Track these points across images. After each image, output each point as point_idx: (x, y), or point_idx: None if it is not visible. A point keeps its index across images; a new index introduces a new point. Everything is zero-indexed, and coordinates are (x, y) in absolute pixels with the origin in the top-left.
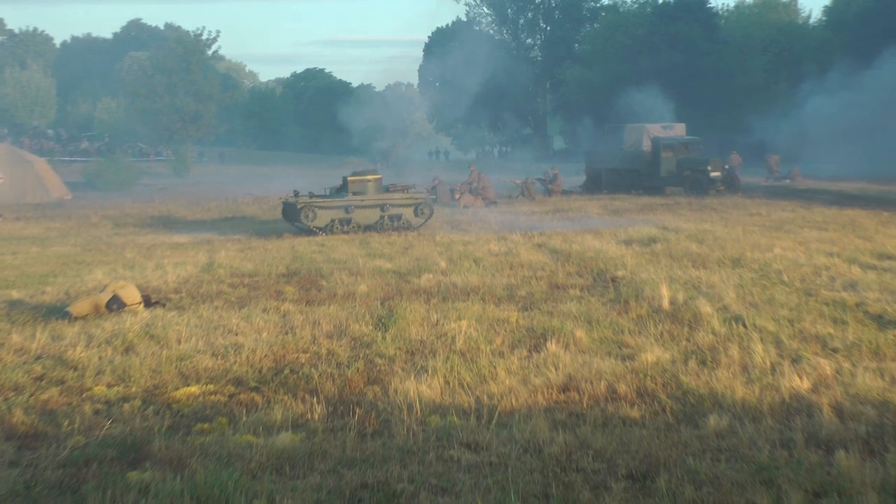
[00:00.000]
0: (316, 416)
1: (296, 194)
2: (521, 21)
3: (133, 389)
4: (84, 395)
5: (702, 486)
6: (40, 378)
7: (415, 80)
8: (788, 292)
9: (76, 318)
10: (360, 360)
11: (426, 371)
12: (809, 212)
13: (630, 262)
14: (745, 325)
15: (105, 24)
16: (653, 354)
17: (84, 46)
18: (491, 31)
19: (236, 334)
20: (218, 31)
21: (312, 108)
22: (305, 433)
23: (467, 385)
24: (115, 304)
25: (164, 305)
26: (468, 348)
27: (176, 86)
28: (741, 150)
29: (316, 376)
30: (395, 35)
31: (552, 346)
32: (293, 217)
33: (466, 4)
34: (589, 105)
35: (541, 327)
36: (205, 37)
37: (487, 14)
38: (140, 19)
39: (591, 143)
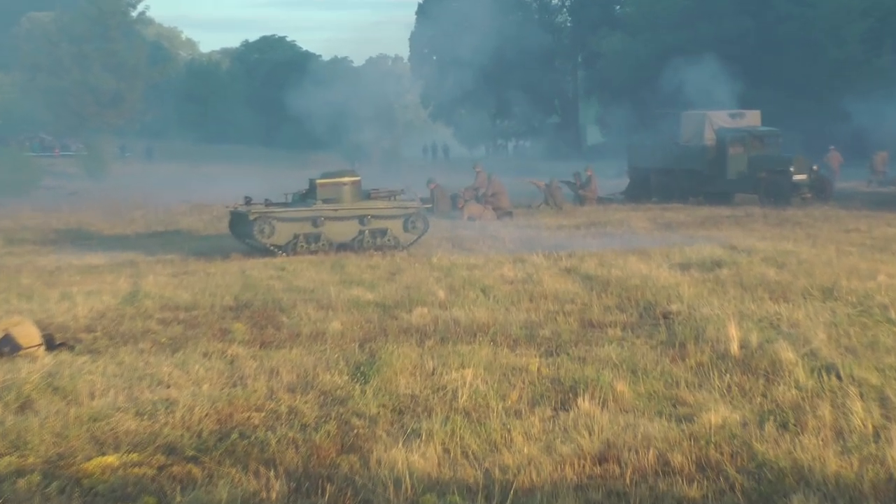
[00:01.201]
0: (273, 496)
1: (247, 202)
2: None
3: (31, 460)
4: None
5: None
6: None
7: (404, 52)
8: None
9: None
10: (332, 421)
11: (419, 436)
12: None
13: (687, 292)
14: (839, 377)
15: None
16: (717, 415)
17: None
18: None
19: (168, 387)
20: None
21: (269, 89)
22: None
23: (473, 454)
24: (7, 347)
25: (72, 348)
26: (474, 406)
27: (88, 57)
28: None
29: (273, 442)
30: None
31: (585, 402)
32: (244, 232)
33: None
34: (633, 86)
35: (570, 378)
36: None
37: None
38: None
39: (635, 136)
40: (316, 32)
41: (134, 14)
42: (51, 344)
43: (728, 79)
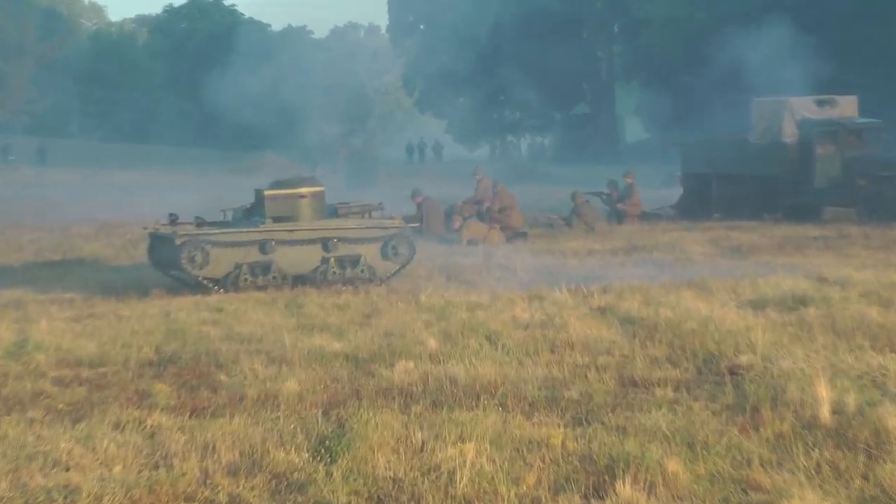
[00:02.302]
0: None
1: (173, 221)
2: None
3: None
4: None
5: None
6: None
7: (382, 19)
8: None
9: None
10: None
11: None
12: None
13: (762, 339)
14: None
15: None
16: (804, 503)
17: None
18: None
19: (68, 469)
20: None
21: (201, 69)
22: None
23: None
24: None
25: None
26: (478, 493)
27: None
28: None
29: None
30: None
31: (625, 488)
32: (168, 261)
33: None
34: (686, 64)
35: (605, 455)
36: None
37: None
38: None
39: (690, 132)
40: None
41: None
42: None
43: (813, 56)
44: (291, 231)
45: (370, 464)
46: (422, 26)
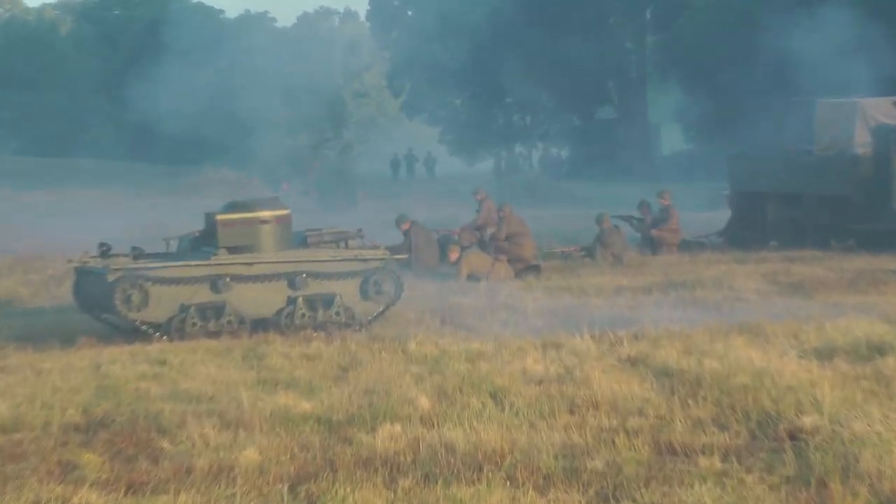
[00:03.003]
0: None
1: (104, 252)
2: None
3: None
4: None
5: None
6: None
7: (361, 5)
8: None
9: None
10: None
11: None
12: None
13: (829, 397)
14: None
15: None
16: None
17: None
18: None
19: None
20: None
21: (139, 65)
22: None
23: None
24: None
25: None
26: None
27: None
28: None
29: None
30: None
31: None
32: (98, 301)
33: None
34: (732, 58)
35: None
36: None
37: None
38: None
39: (739, 141)
40: None
41: None
42: None
43: (886, 47)
44: (250, 264)
45: None
46: (409, 12)
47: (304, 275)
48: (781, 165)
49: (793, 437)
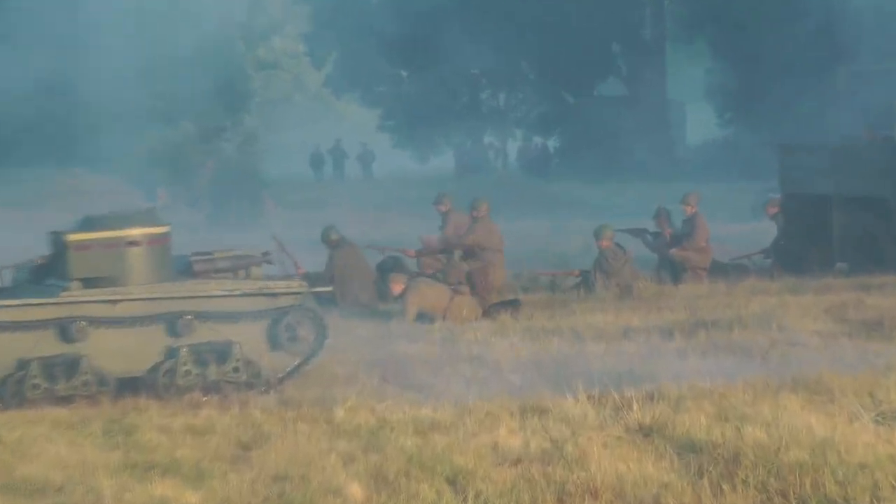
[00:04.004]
0: None
1: None
2: None
3: None
4: None
5: None
6: None
7: None
8: None
9: None
10: None
11: None
12: None
13: None
14: None
15: None
16: None
17: None
18: None
19: None
20: None
21: None
22: None
23: None
24: None
25: None
26: None
27: None
28: None
29: None
30: None
31: None
32: None
33: None
34: (781, 17)
35: None
36: None
37: None
38: None
39: (794, 127)
40: None
41: None
42: None
43: None
44: (114, 303)
45: None
46: None
47: (189, 316)
48: (852, 160)
49: None
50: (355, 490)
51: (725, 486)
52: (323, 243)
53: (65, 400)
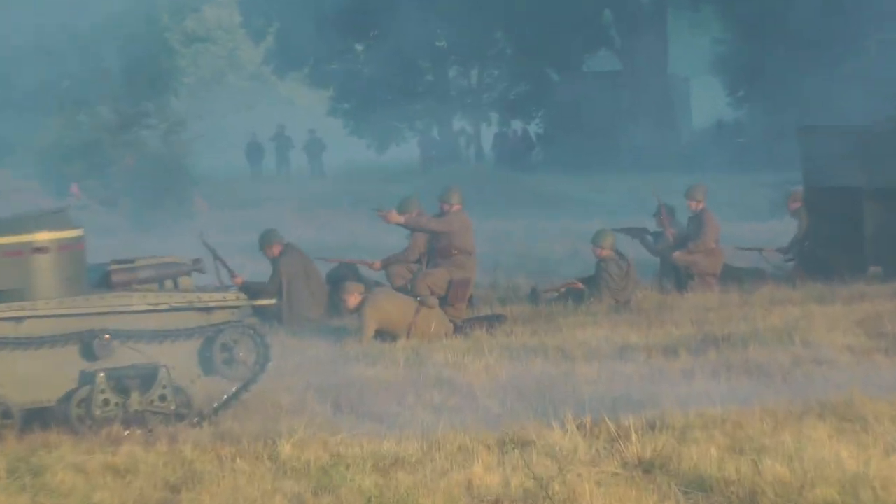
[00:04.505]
0: None
1: None
2: None
3: None
4: None
5: None
6: None
7: None
8: None
9: None
10: None
11: None
12: None
13: None
14: None
15: None
16: None
17: None
18: None
19: None
20: None
21: None
22: None
23: None
24: None
25: None
26: None
27: None
28: None
29: None
30: None
31: None
32: None
33: None
34: None
35: None
36: None
37: None
38: None
39: (818, 109)
40: None
41: None
42: None
43: None
44: (18, 320)
45: None
46: None
47: (107, 336)
48: (887, 144)
49: None
50: None
51: None
52: (260, 251)
53: None
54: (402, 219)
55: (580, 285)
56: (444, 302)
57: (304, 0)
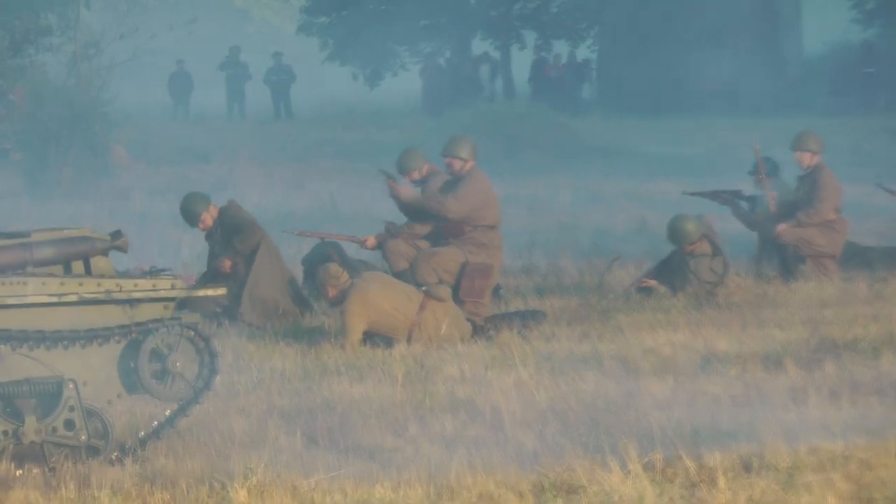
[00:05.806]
0: None
1: None
2: None
3: None
4: None
5: None
6: None
7: None
8: None
9: None
10: None
11: None
12: None
13: None
14: None
15: None
16: None
17: None
18: None
19: None
20: None
21: None
22: None
23: None
24: None
25: None
26: None
27: None
28: None
29: None
30: None
31: None
32: None
33: None
34: None
35: None
36: None
37: None
38: None
39: None
40: None
41: None
42: None
43: None
44: None
45: None
46: None
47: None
48: None
49: None
50: None
51: None
52: (189, 222)
53: None
54: (413, 193)
55: (654, 283)
56: (457, 294)
57: None
